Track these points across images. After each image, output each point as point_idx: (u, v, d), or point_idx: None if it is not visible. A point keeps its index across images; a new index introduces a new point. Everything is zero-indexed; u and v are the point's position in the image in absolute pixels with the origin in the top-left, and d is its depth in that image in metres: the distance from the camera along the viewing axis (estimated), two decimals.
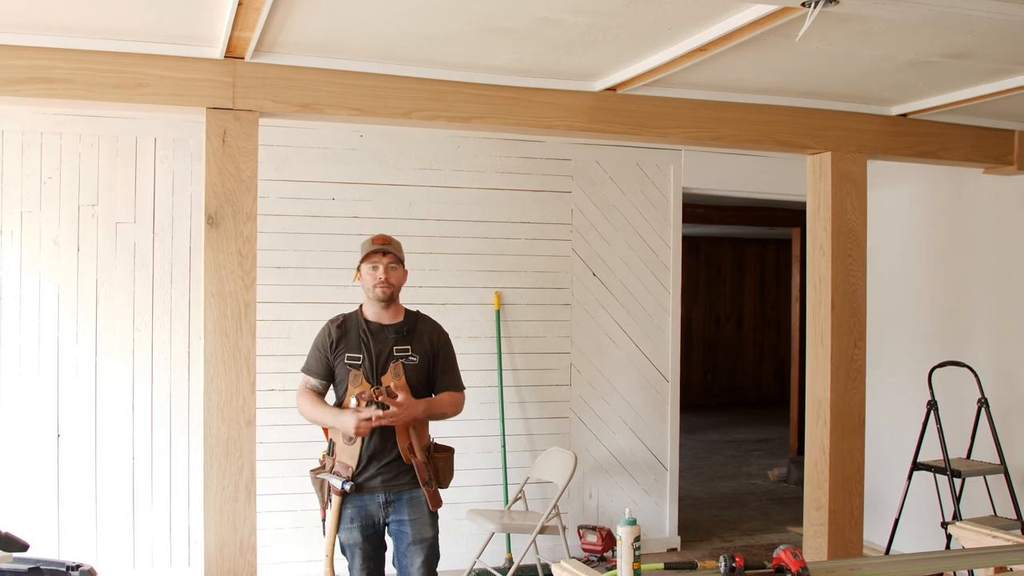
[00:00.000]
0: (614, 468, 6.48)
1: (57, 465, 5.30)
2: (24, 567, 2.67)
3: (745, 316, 15.35)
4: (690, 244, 6.78)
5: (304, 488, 5.61)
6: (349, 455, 3.88)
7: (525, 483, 5.77)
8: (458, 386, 4.08)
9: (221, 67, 3.81)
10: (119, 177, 5.41)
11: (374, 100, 4.06)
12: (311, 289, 5.71)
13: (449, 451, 4.09)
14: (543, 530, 5.32)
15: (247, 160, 3.87)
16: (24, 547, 2.28)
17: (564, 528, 5.50)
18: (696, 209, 7.73)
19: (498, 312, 6.11)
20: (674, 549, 6.60)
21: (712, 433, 12.21)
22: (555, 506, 5.34)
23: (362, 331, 3.96)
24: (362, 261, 3.97)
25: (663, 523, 6.60)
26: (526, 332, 6.22)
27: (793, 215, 9.21)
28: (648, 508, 6.51)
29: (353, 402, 3.85)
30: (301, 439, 5.54)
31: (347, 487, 3.83)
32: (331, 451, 3.97)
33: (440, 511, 4.01)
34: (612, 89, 4.35)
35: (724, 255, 15.07)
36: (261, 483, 3.96)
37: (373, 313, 4.00)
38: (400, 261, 3.98)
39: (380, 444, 3.86)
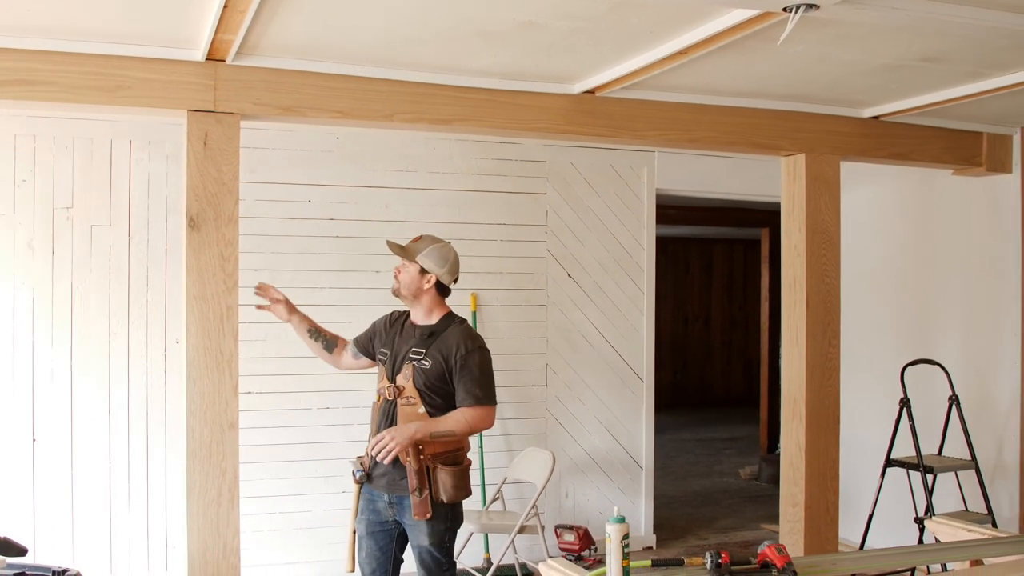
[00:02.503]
0: (590, 468, 6.52)
1: (33, 469, 5.24)
2: (10, 572, 2.65)
3: (713, 316, 15.46)
4: (658, 244, 6.84)
5: (285, 491, 5.64)
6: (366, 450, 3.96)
7: (503, 483, 5.80)
8: (473, 399, 3.79)
9: (203, 69, 3.81)
10: (94, 180, 5.36)
11: (356, 103, 4.07)
12: (288, 292, 5.63)
13: (455, 465, 3.83)
14: (522, 530, 5.34)
15: (228, 163, 3.88)
16: (23, 551, 2.27)
17: (543, 528, 5.53)
18: (668, 210, 7.80)
19: (474, 313, 6.13)
20: (650, 547, 6.65)
21: (683, 432, 12.29)
22: (534, 506, 5.36)
23: (401, 328, 4.03)
24: None
25: (639, 521, 6.65)
26: (502, 333, 6.23)
27: (762, 215, 9.29)
28: (624, 507, 6.53)
29: (375, 396, 3.97)
30: (281, 441, 5.55)
31: (358, 475, 3.92)
32: None
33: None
34: (591, 92, 4.39)
35: (692, 255, 15.16)
36: (240, 486, 3.95)
37: (413, 312, 4.04)
38: (413, 260, 3.94)
39: None
